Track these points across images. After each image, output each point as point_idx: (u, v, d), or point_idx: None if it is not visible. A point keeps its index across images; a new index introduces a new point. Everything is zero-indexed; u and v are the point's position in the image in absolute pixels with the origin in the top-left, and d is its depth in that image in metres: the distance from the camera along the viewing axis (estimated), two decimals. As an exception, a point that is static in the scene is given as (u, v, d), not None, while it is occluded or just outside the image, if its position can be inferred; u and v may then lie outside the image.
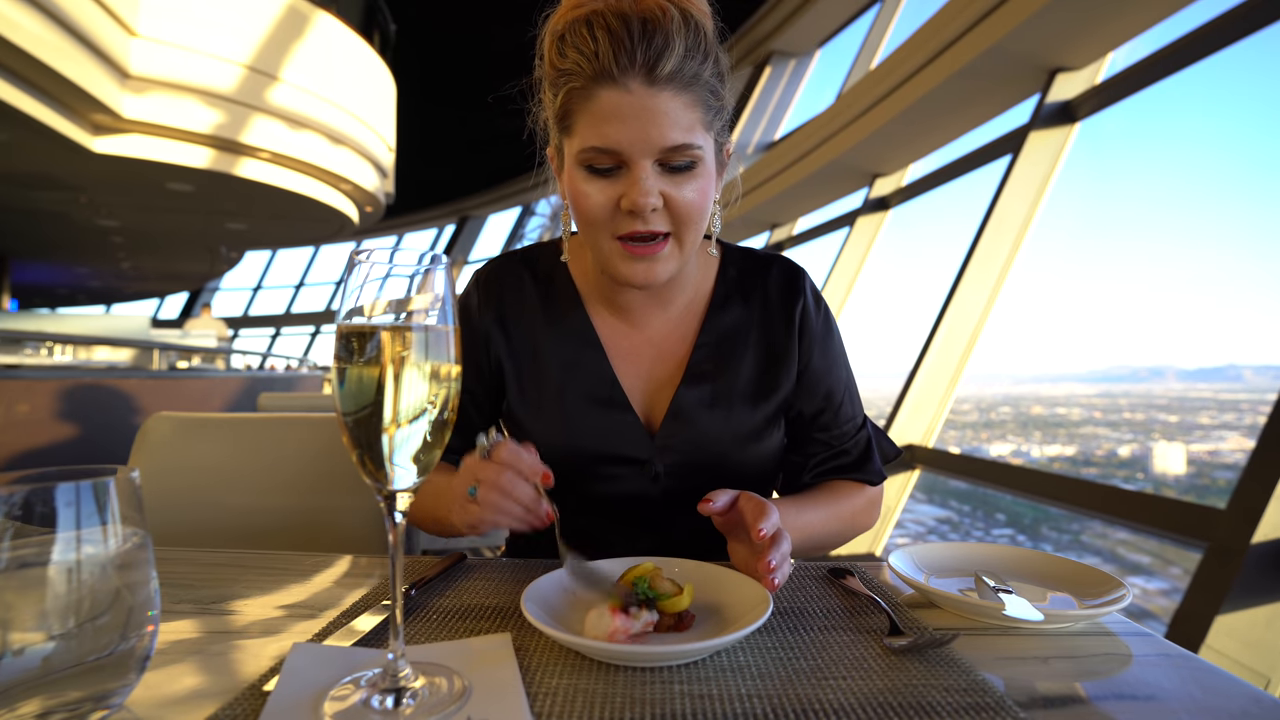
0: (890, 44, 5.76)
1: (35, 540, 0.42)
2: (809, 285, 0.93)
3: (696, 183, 0.77)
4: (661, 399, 0.89)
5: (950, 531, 6.20)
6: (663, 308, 0.91)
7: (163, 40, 5.60)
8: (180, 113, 5.83)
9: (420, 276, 0.48)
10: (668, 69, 0.72)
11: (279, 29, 6.47)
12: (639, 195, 0.73)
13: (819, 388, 0.92)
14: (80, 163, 5.98)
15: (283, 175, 7.08)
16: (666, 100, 0.72)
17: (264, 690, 0.47)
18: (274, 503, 1.11)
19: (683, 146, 0.74)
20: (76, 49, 4.70)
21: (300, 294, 17.93)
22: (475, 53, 9.95)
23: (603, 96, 0.73)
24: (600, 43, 0.72)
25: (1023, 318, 66.33)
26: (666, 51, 0.72)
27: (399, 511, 0.49)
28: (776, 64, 7.28)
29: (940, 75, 3.90)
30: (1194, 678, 0.52)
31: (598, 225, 0.78)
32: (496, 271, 0.94)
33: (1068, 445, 6.44)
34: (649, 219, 0.76)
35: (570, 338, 0.90)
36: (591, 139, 0.74)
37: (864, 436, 0.95)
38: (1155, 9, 3.03)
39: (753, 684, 0.49)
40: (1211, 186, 76.55)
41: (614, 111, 0.72)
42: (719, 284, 0.93)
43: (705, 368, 0.89)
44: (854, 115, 4.87)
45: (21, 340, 6.95)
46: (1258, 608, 1.86)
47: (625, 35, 0.71)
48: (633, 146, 0.73)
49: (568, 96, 0.75)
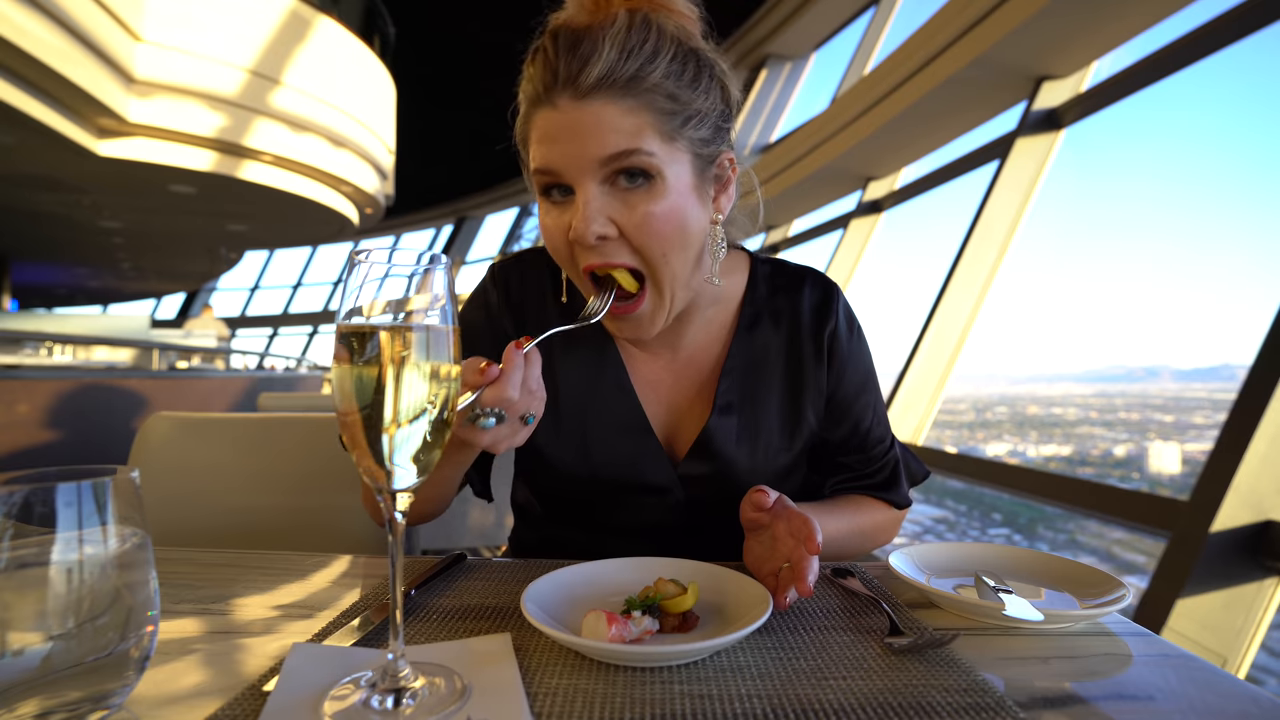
0: (884, 48, 5.88)
1: (35, 540, 0.42)
2: (841, 305, 0.87)
3: (658, 202, 0.68)
4: (685, 425, 0.85)
5: (947, 531, 6.23)
6: (686, 325, 0.84)
7: (167, 45, 5.72)
8: (184, 116, 5.95)
9: (420, 276, 0.48)
10: (593, 75, 0.66)
11: (281, 33, 6.58)
12: (579, 222, 0.67)
13: (848, 415, 0.87)
14: (85, 165, 6.07)
15: (284, 178, 7.17)
16: (598, 109, 0.66)
17: (264, 690, 0.47)
18: (274, 503, 1.11)
19: (623, 154, 0.66)
20: (83, 54, 4.80)
21: (298, 294, 17.98)
22: (472, 54, 9.98)
23: (538, 119, 0.69)
24: (536, 66, 0.69)
25: (1019, 318, 66.43)
26: (593, 57, 0.66)
27: (399, 511, 0.49)
28: (772, 67, 7.37)
29: (931, 83, 4.01)
30: (1194, 678, 0.52)
31: (562, 260, 0.73)
32: (517, 267, 0.88)
33: (1064, 445, 6.45)
34: (603, 250, 0.69)
35: (591, 357, 0.85)
36: (536, 161, 0.70)
37: (892, 459, 0.90)
38: (1137, 20, 3.15)
39: (753, 684, 0.49)
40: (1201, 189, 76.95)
41: (546, 133, 0.68)
42: (747, 302, 0.86)
43: (732, 397, 0.83)
44: (848, 120, 4.97)
45: (21, 340, 6.98)
46: (1215, 592, 2.01)
47: (554, 53, 0.67)
48: (567, 165, 0.68)
49: (521, 126, 0.73)
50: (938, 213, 5.70)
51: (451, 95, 11.13)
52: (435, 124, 11.76)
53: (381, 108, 8.29)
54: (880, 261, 5.38)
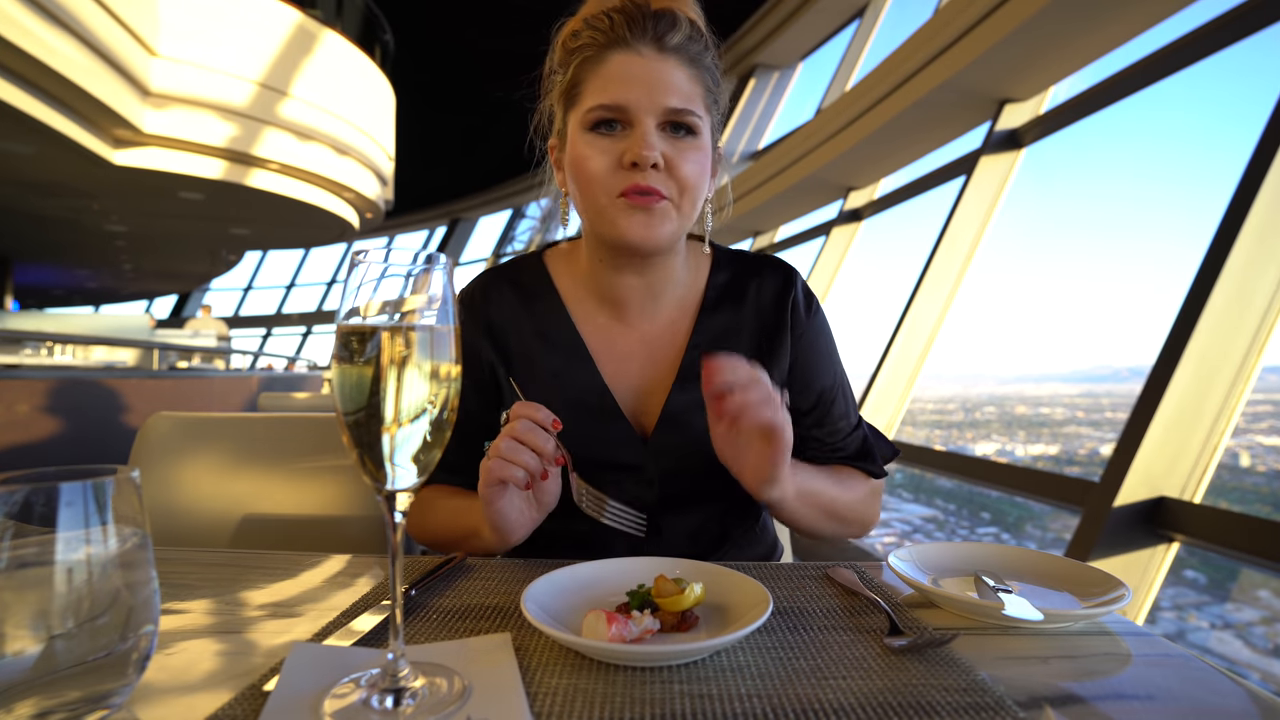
0: (866, 62, 6.23)
1: (35, 540, 0.42)
2: (800, 285, 0.94)
3: (696, 154, 0.80)
4: (654, 403, 0.89)
5: (936, 530, 6.27)
6: (654, 303, 0.90)
7: (181, 59, 6.04)
8: (196, 127, 6.26)
9: (420, 276, 0.48)
10: (676, 40, 0.79)
11: (289, 47, 6.90)
12: (643, 148, 0.77)
13: (811, 385, 0.92)
14: (100, 174, 6.34)
15: (290, 185, 7.46)
16: (673, 68, 0.79)
17: (264, 690, 0.47)
18: (274, 503, 1.11)
19: (686, 110, 0.79)
20: (102, 68, 5.06)
21: (291, 294, 18.00)
22: (466, 57, 10.06)
23: (613, 59, 0.79)
24: (615, 19, 0.79)
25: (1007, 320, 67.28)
26: (675, 27, 0.79)
27: (399, 511, 0.49)
28: (761, 76, 7.73)
29: (904, 102, 4.34)
30: (1194, 678, 0.52)
31: (599, 185, 0.79)
32: (481, 287, 0.94)
33: (1051, 444, 6.43)
34: (650, 176, 0.78)
35: (558, 346, 0.90)
36: (600, 97, 0.78)
37: (859, 435, 0.95)
38: (1090, 50, 3.49)
39: (753, 684, 0.49)
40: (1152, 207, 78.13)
41: (623, 71, 0.78)
42: (710, 286, 0.93)
43: (697, 370, 0.88)
44: (829, 134, 5.31)
45: (21, 340, 7.03)
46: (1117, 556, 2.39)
47: (638, 12, 0.79)
48: (639, 104, 0.78)
49: (579, 68, 0.81)
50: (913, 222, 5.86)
51: (447, 99, 11.19)
52: (430, 127, 11.82)
53: (382, 116, 8.58)
54: (860, 267, 5.61)
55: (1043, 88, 3.91)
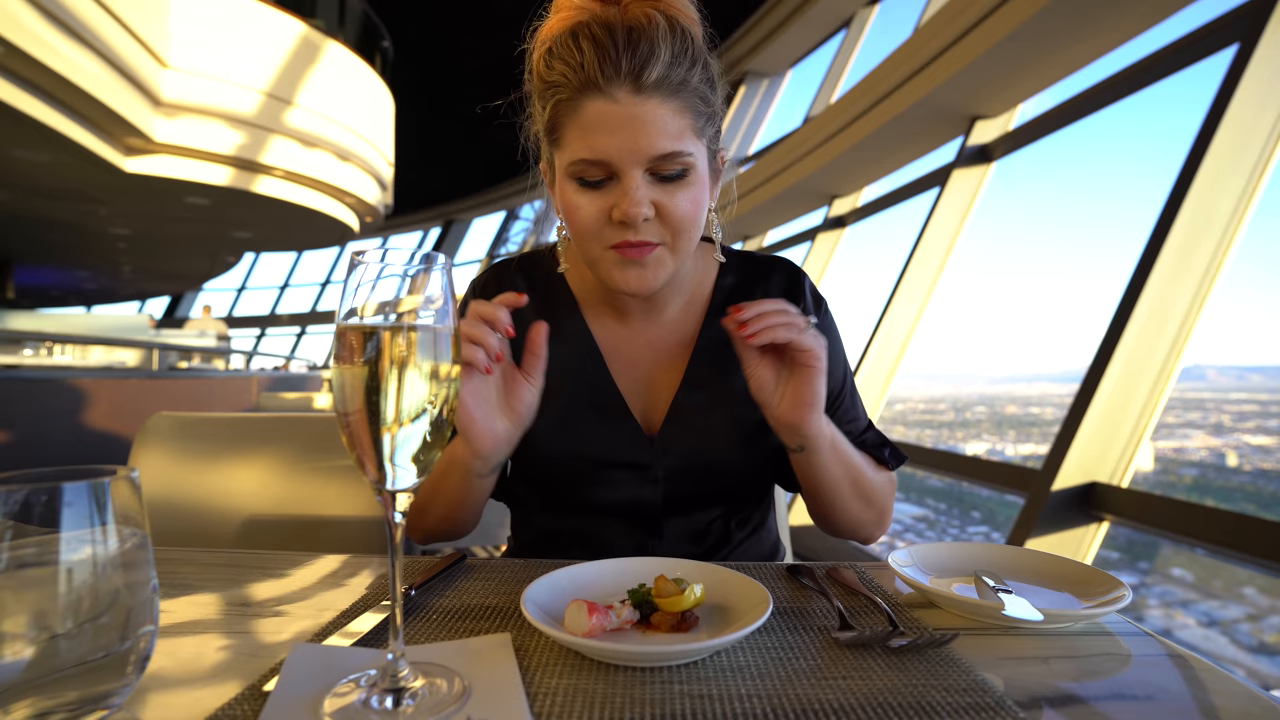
0: (851, 72, 6.53)
1: (35, 540, 0.42)
2: (809, 286, 0.93)
3: (689, 191, 0.76)
4: (661, 403, 0.89)
5: (928, 529, 6.32)
6: (661, 310, 0.90)
7: (191, 70, 6.30)
8: (205, 135, 6.51)
9: (419, 276, 0.48)
10: (654, 76, 0.71)
11: (294, 58, 7.18)
12: (630, 205, 0.73)
13: None
14: (111, 180, 6.54)
15: (293, 190, 7.72)
16: (654, 108, 0.72)
17: (264, 690, 0.47)
18: (274, 503, 1.11)
19: (673, 154, 0.73)
20: (115, 79, 5.28)
21: (285, 295, 18.03)
22: (460, 60, 10.13)
23: (589, 107, 0.72)
24: (585, 53, 0.71)
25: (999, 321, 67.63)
26: (652, 59, 0.71)
27: (399, 511, 0.49)
28: (751, 83, 7.94)
29: (884, 117, 4.64)
30: (1194, 678, 0.52)
31: (590, 238, 0.77)
32: (495, 277, 0.94)
33: (1041, 444, 6.44)
34: (640, 229, 0.75)
35: (568, 344, 0.89)
36: (580, 151, 0.73)
37: (870, 436, 0.94)
38: (1057, 70, 3.78)
39: (753, 684, 0.49)
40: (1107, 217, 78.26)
41: (601, 122, 0.72)
42: (718, 288, 0.92)
43: (704, 371, 0.88)
44: (815, 144, 5.54)
45: (21, 340, 7.07)
46: (1054, 534, 2.72)
47: (610, 44, 0.71)
48: (621, 156, 0.72)
49: (555, 109, 0.75)
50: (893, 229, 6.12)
51: (441, 102, 11.22)
52: (425, 130, 11.86)
53: (382, 122, 8.81)
54: (844, 271, 5.80)
55: (1012, 105, 4.20)
